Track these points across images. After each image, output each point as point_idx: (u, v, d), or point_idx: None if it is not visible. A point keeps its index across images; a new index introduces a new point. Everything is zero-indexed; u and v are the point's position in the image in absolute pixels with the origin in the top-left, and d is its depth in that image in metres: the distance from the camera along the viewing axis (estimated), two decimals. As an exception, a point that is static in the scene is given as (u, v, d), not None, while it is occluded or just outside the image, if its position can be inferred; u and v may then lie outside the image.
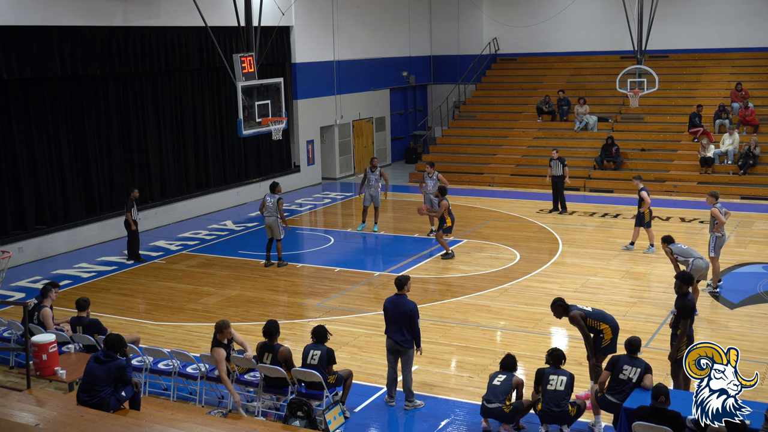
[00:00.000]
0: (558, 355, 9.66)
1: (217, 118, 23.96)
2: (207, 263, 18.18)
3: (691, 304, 10.17)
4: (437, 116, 32.35)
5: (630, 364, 9.39)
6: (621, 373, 9.37)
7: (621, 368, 9.39)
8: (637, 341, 9.50)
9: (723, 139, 25.05)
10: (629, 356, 9.46)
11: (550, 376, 9.49)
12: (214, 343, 10.36)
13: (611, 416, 9.84)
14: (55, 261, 18.59)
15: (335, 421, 9.73)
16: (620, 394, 9.28)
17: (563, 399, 9.42)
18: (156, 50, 21.33)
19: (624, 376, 9.35)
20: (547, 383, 9.48)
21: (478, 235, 19.61)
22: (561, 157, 21.75)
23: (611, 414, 9.60)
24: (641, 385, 9.27)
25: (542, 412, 9.52)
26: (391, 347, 10.67)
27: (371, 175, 20.13)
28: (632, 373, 9.33)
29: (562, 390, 9.42)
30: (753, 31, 28.53)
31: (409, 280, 10.78)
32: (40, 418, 8.75)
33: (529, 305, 14.55)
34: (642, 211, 17.70)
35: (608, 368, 9.56)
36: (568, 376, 9.52)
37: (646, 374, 9.35)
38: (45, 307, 11.78)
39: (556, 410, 9.40)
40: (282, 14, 22.56)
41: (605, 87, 28.50)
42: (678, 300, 10.29)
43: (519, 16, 31.75)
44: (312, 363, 10.00)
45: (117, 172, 20.96)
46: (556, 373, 9.53)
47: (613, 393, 9.39)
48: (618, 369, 9.40)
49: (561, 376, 9.48)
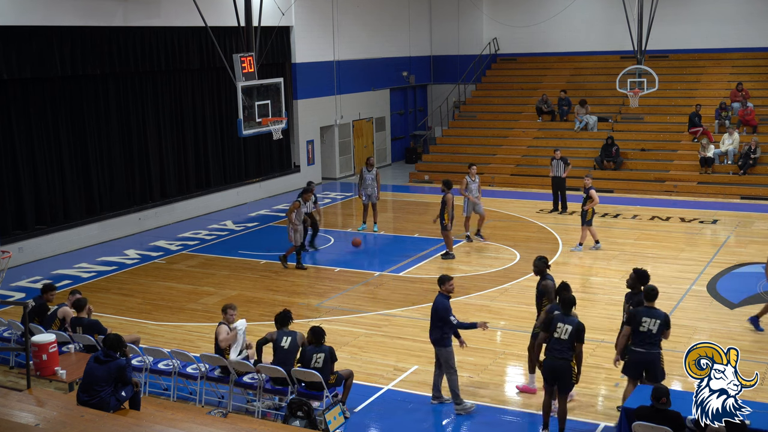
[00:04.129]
0: (569, 301, 9.65)
1: (217, 118, 23.96)
2: (207, 263, 18.18)
3: None
4: (437, 116, 32.35)
5: (648, 315, 9.58)
6: (641, 326, 9.59)
7: (640, 321, 9.60)
8: (655, 291, 9.72)
9: (723, 139, 25.05)
10: (647, 308, 9.65)
11: (558, 323, 9.53)
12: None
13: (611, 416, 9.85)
14: (55, 261, 18.59)
15: (335, 421, 9.73)
16: (644, 345, 9.56)
17: (568, 350, 9.44)
18: (156, 50, 21.33)
19: (644, 328, 9.58)
20: (554, 330, 9.53)
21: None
22: (564, 157, 21.75)
23: (640, 372, 9.68)
24: (660, 336, 9.55)
25: (545, 362, 9.60)
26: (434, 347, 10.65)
27: (367, 174, 20.03)
28: (651, 325, 9.56)
29: (566, 339, 9.44)
30: (753, 31, 28.52)
31: (448, 280, 10.54)
32: (40, 418, 8.75)
33: (529, 305, 14.50)
34: (586, 209, 17.75)
35: (627, 323, 9.78)
36: (575, 326, 9.45)
37: (665, 329, 9.56)
38: (65, 306, 11.82)
39: (558, 357, 9.44)
40: (282, 14, 22.56)
41: (605, 87, 28.49)
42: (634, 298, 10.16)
43: (519, 16, 31.74)
44: (317, 366, 9.95)
45: (117, 172, 20.96)
46: (563, 320, 9.54)
47: (637, 345, 9.63)
48: (637, 322, 9.60)
49: (567, 325, 9.47)
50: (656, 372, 9.58)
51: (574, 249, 18.01)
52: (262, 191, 25.55)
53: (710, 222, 20.75)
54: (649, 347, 9.57)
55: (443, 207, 17.39)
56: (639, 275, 10.23)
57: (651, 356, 9.57)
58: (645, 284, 10.15)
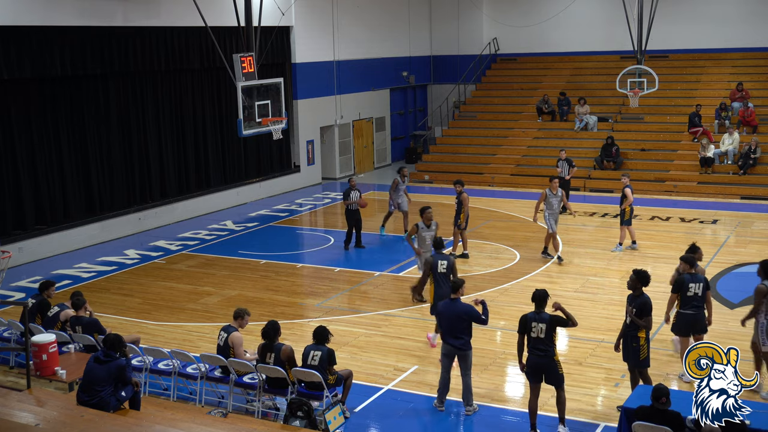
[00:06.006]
0: (539, 295, 9.77)
1: (217, 118, 23.96)
2: (207, 263, 18.17)
3: (650, 303, 10.07)
4: (437, 116, 32.35)
5: (693, 281, 10.89)
6: (688, 291, 10.87)
7: (687, 287, 10.87)
8: (692, 260, 11.10)
9: (723, 139, 25.05)
10: (690, 274, 10.93)
11: (533, 323, 9.65)
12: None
13: (611, 416, 9.84)
14: (55, 261, 18.59)
15: (335, 421, 9.73)
16: (692, 308, 10.89)
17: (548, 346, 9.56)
18: (156, 50, 21.33)
19: (691, 292, 10.86)
20: (530, 330, 9.64)
21: (478, 235, 19.58)
22: (568, 158, 21.73)
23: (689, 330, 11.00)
24: (704, 297, 10.90)
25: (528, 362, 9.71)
26: (448, 352, 10.46)
27: (402, 185, 19.38)
28: (697, 288, 10.87)
29: (543, 337, 9.55)
30: (753, 31, 28.52)
31: (464, 284, 10.68)
32: (40, 418, 8.75)
33: (529, 305, 14.47)
34: (623, 208, 17.72)
35: (675, 290, 10.99)
36: (547, 322, 9.56)
37: (707, 291, 10.92)
38: (67, 308, 11.82)
39: (540, 355, 9.55)
40: (282, 14, 22.56)
41: (605, 87, 28.49)
42: (636, 299, 10.11)
43: (519, 16, 31.74)
44: (312, 363, 9.99)
45: (117, 172, 20.95)
46: (536, 319, 9.65)
47: (686, 308, 10.90)
48: (685, 288, 10.87)
49: (540, 324, 9.58)
50: (703, 327, 11.01)
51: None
52: (262, 191, 25.55)
53: (710, 222, 20.75)
54: (697, 309, 10.89)
55: (459, 207, 17.35)
56: (639, 276, 10.22)
57: (699, 316, 10.95)
58: (646, 285, 10.18)
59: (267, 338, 10.25)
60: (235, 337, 10.57)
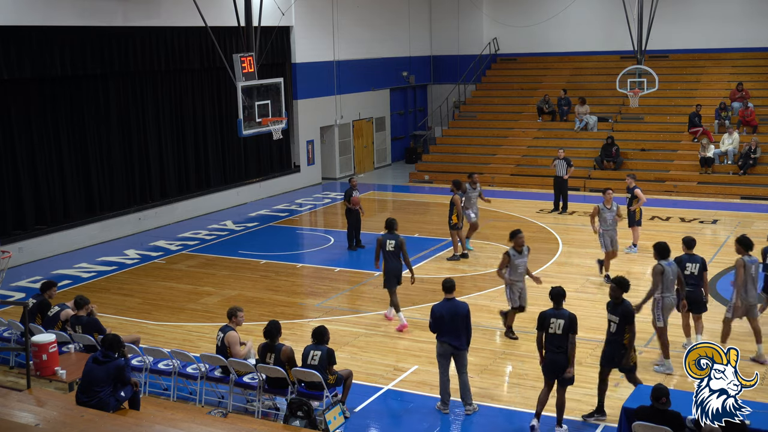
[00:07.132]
0: (556, 293, 9.86)
1: (217, 118, 23.96)
2: (207, 263, 18.17)
3: (632, 309, 10.10)
4: (437, 116, 32.35)
5: (690, 261, 11.74)
6: (685, 270, 11.64)
7: (684, 266, 11.64)
8: (692, 240, 11.91)
9: (723, 139, 25.04)
10: (688, 254, 11.74)
11: (551, 320, 9.73)
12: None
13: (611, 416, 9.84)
14: (55, 261, 18.59)
15: (335, 421, 9.73)
16: (689, 285, 11.63)
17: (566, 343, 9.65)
18: (156, 50, 21.33)
19: (688, 271, 11.67)
20: (548, 327, 9.71)
21: (479, 235, 19.56)
22: (567, 157, 21.72)
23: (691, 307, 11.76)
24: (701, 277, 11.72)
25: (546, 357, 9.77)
26: (445, 352, 10.39)
27: (473, 192, 18.69)
28: (693, 268, 11.69)
29: (560, 334, 9.63)
30: (753, 31, 28.51)
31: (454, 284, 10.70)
32: (40, 418, 8.75)
33: (529, 305, 14.53)
34: (633, 209, 17.68)
35: None
36: (566, 319, 9.65)
37: (704, 271, 11.76)
38: (67, 308, 11.82)
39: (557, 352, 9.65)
40: (282, 14, 22.55)
41: (605, 87, 28.49)
42: (618, 307, 10.10)
43: (519, 16, 31.74)
44: (312, 363, 9.99)
45: (117, 172, 20.95)
46: (555, 315, 9.74)
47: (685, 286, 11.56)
48: (683, 267, 11.61)
49: (559, 320, 9.66)
50: (701, 305, 11.88)
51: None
52: (262, 191, 25.55)
53: (710, 222, 20.75)
54: (693, 287, 11.66)
55: (452, 207, 17.38)
56: (620, 284, 10.17)
57: (696, 294, 11.74)
58: (627, 291, 10.18)
59: (269, 338, 10.25)
60: (231, 336, 10.60)
